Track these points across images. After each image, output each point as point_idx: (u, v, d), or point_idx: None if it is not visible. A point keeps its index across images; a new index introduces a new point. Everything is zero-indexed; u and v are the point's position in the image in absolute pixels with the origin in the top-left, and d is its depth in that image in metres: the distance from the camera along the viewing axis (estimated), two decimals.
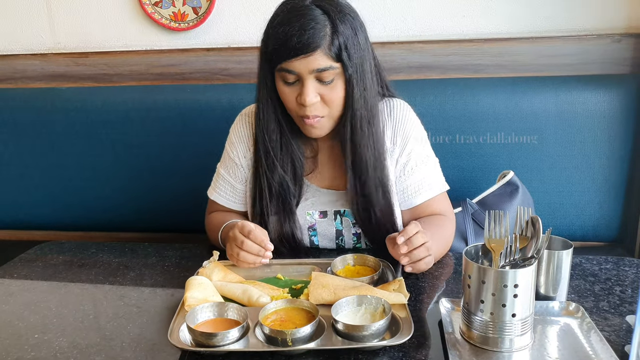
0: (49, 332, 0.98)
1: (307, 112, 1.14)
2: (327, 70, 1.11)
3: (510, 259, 0.92)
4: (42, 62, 1.92)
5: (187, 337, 0.91)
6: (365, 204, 1.24)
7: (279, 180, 1.24)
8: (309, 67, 1.10)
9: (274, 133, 1.23)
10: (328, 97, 1.14)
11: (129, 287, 1.16)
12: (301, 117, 1.17)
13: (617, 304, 1.02)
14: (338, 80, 1.14)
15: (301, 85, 1.13)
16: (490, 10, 1.75)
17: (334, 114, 1.18)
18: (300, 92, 1.13)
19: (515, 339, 0.88)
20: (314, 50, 1.09)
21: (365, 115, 1.18)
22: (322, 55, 1.10)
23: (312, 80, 1.12)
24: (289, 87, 1.15)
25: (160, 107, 1.77)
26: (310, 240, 1.32)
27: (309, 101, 1.12)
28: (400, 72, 1.79)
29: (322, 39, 1.09)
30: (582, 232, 1.69)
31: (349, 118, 1.18)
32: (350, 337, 0.90)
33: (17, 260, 1.31)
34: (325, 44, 1.09)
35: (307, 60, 1.09)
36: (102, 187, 1.84)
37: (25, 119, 1.83)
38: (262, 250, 1.13)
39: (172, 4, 1.83)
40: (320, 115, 1.16)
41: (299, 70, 1.11)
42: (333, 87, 1.14)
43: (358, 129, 1.18)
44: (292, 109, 1.18)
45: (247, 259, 1.13)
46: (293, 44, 1.08)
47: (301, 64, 1.10)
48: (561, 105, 1.63)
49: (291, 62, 1.10)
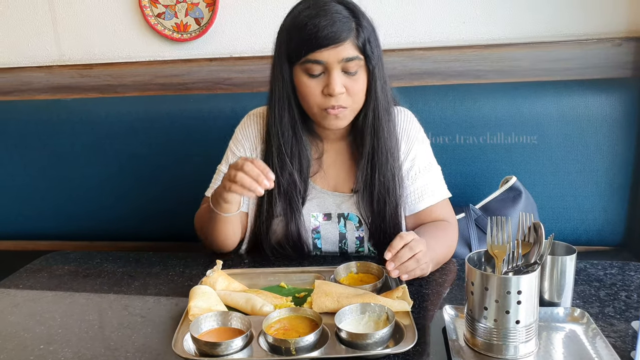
0: (54, 342, 0.99)
1: (333, 102, 1.17)
2: (353, 61, 1.16)
3: (513, 265, 0.91)
4: (47, 74, 1.94)
5: (191, 347, 0.91)
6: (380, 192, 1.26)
7: (287, 177, 1.26)
8: (339, 56, 1.14)
9: (288, 131, 1.25)
10: (353, 89, 1.18)
11: (133, 297, 1.16)
12: (325, 110, 1.19)
13: (623, 309, 1.01)
14: (362, 72, 1.19)
15: (327, 76, 1.16)
16: (490, 16, 1.76)
17: (356, 106, 1.22)
18: (328, 83, 1.16)
19: (520, 346, 0.87)
20: (345, 40, 1.14)
21: (385, 107, 1.24)
22: (350, 46, 1.15)
23: (338, 71, 1.16)
24: (313, 80, 1.18)
25: (164, 117, 1.78)
26: (313, 244, 1.32)
27: (338, 90, 1.16)
28: (401, 79, 1.80)
29: (350, 31, 1.15)
30: (587, 237, 1.68)
31: (372, 109, 1.23)
32: (354, 345, 0.89)
33: (23, 270, 1.32)
34: (353, 35, 1.15)
35: (337, 50, 1.14)
36: (107, 197, 1.85)
37: (31, 130, 1.84)
38: (261, 176, 1.09)
39: (174, 15, 1.84)
40: (344, 106, 1.19)
41: (328, 60, 1.14)
42: (357, 79, 1.18)
43: (379, 118, 1.23)
44: (315, 103, 1.19)
45: (244, 180, 1.09)
46: (325, 33, 1.12)
47: (330, 54, 1.14)
48: (563, 110, 1.63)
49: (321, 52, 1.14)
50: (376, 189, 1.26)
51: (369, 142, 1.25)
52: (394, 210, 1.27)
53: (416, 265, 1.07)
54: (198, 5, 1.82)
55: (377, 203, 1.27)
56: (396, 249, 1.06)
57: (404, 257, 1.06)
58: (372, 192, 1.26)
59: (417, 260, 1.07)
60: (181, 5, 1.83)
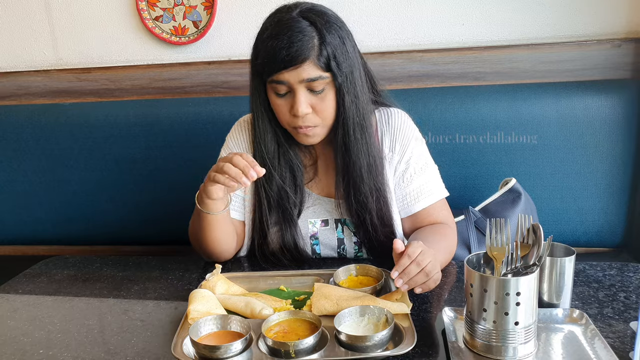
0: (53, 347, 0.99)
1: (300, 122, 1.16)
2: (317, 80, 1.13)
3: (512, 267, 0.92)
4: (45, 78, 1.94)
5: (190, 350, 0.91)
6: (360, 210, 1.24)
7: (277, 190, 1.25)
8: (299, 77, 1.12)
9: (271, 143, 1.24)
10: (319, 107, 1.16)
11: (133, 301, 1.16)
12: (294, 128, 1.18)
13: (622, 310, 1.01)
14: (329, 90, 1.16)
15: (293, 96, 1.15)
16: (489, 18, 1.76)
17: (327, 123, 1.20)
18: (293, 104, 1.15)
19: (519, 347, 0.87)
20: (303, 61, 1.11)
21: (357, 122, 1.20)
22: (311, 66, 1.12)
23: (303, 91, 1.14)
24: (281, 99, 1.17)
25: (162, 120, 1.78)
26: (312, 249, 1.32)
27: (302, 111, 1.14)
28: (400, 82, 1.80)
29: (310, 50, 1.11)
30: (587, 238, 1.68)
31: (341, 125, 1.20)
32: (354, 347, 0.89)
33: (22, 275, 1.32)
34: (314, 54, 1.11)
35: (297, 71, 1.11)
36: (106, 201, 1.85)
37: (29, 135, 1.84)
38: (248, 167, 1.07)
39: (172, 18, 1.84)
40: (312, 125, 1.18)
41: (290, 81, 1.13)
42: (324, 97, 1.16)
43: (351, 135, 1.20)
44: (284, 121, 1.19)
45: (230, 170, 1.08)
46: (282, 56, 1.10)
47: (291, 76, 1.12)
48: (562, 112, 1.63)
49: (281, 74, 1.12)
50: (353, 205, 1.24)
51: (339, 159, 1.22)
52: (377, 223, 1.25)
53: (426, 278, 1.03)
54: (196, 8, 1.83)
55: (358, 215, 1.25)
56: (403, 267, 1.01)
57: (411, 273, 1.01)
58: (350, 206, 1.25)
59: (426, 273, 1.02)
60: (179, 9, 1.84)
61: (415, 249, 1.03)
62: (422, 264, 1.01)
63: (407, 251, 1.02)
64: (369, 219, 1.24)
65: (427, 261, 1.02)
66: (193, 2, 1.82)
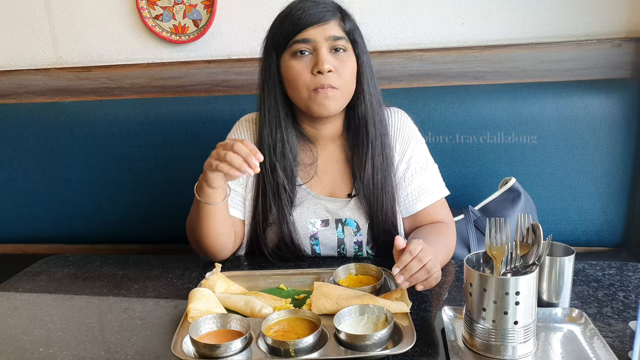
0: (53, 345, 0.99)
1: (323, 80, 1.18)
2: (340, 40, 1.20)
3: (511, 267, 0.92)
4: (45, 76, 1.94)
5: (190, 349, 0.92)
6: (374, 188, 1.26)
7: (278, 180, 1.26)
8: (325, 34, 1.18)
9: (276, 129, 1.26)
10: (341, 69, 1.20)
11: (133, 300, 1.16)
12: (314, 91, 1.19)
13: (621, 309, 1.02)
14: (350, 54, 1.22)
15: (316, 55, 1.19)
16: (489, 17, 1.76)
17: (346, 89, 1.22)
18: (317, 61, 1.19)
19: (518, 346, 0.87)
20: (330, 19, 1.19)
21: (375, 97, 1.26)
22: (336, 26, 1.20)
23: (326, 48, 1.19)
24: (302, 62, 1.20)
25: (162, 119, 1.78)
26: (312, 249, 1.32)
27: (326, 67, 1.17)
28: (400, 81, 1.80)
29: (335, 14, 1.21)
30: (586, 238, 1.68)
31: (362, 93, 1.25)
32: (353, 346, 0.90)
33: (22, 274, 1.32)
34: (338, 17, 1.21)
35: (323, 28, 1.18)
36: (106, 199, 1.85)
37: (29, 133, 1.84)
38: (250, 155, 1.08)
39: (172, 16, 1.84)
40: (334, 86, 1.19)
41: (316, 38, 1.18)
42: (345, 60, 1.21)
43: (369, 104, 1.25)
44: (305, 84, 1.20)
45: (234, 160, 1.08)
46: (311, 12, 1.18)
47: (317, 32, 1.18)
48: (562, 111, 1.63)
49: (307, 31, 1.18)
50: (372, 188, 1.26)
51: (362, 133, 1.25)
52: (390, 210, 1.27)
53: (427, 275, 1.03)
54: (196, 7, 1.83)
55: (376, 204, 1.26)
56: (404, 264, 1.01)
57: (413, 269, 1.01)
58: (369, 192, 1.26)
59: (427, 270, 1.02)
60: (179, 7, 1.84)
61: (416, 245, 1.03)
62: (423, 261, 1.02)
63: (408, 248, 1.03)
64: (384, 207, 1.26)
65: (428, 258, 1.02)
66: (193, 0, 1.82)
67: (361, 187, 1.27)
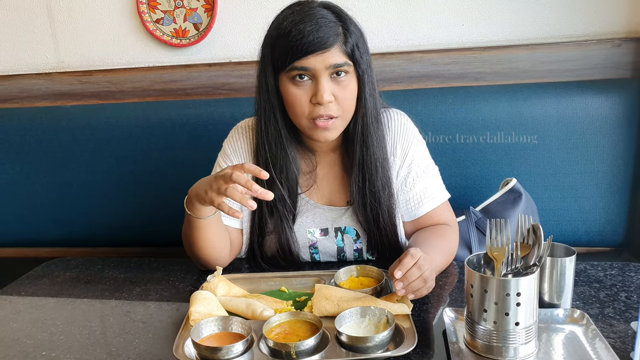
0: (56, 349, 0.99)
1: (322, 111, 1.14)
2: (342, 67, 1.13)
3: (512, 268, 0.92)
4: (46, 81, 1.95)
5: (192, 352, 0.92)
6: (372, 203, 1.23)
7: (277, 192, 1.22)
8: (326, 63, 1.11)
9: (274, 143, 1.22)
10: (342, 96, 1.15)
11: (135, 303, 1.16)
12: (313, 120, 1.15)
13: (623, 310, 1.01)
14: (351, 79, 1.16)
15: (315, 84, 1.13)
16: (489, 18, 1.76)
17: (347, 115, 1.18)
18: (316, 91, 1.13)
19: (520, 348, 0.87)
20: (331, 45, 1.11)
21: (374, 115, 1.21)
22: (338, 52, 1.12)
23: (327, 77, 1.13)
24: (300, 89, 1.14)
25: (164, 122, 1.79)
26: (311, 257, 1.31)
27: (327, 98, 1.12)
28: (400, 82, 1.80)
29: (337, 36, 1.12)
30: (588, 238, 1.68)
31: (361, 116, 1.20)
32: (354, 348, 0.90)
33: (25, 277, 1.32)
34: (340, 40, 1.12)
35: (324, 56, 1.11)
36: (108, 203, 1.85)
37: (31, 138, 1.85)
38: (249, 182, 1.02)
39: (173, 20, 1.85)
40: (334, 116, 1.15)
41: (315, 67, 1.11)
42: (346, 86, 1.15)
43: (369, 126, 1.20)
44: (303, 112, 1.15)
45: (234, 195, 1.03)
46: (311, 39, 1.09)
47: (317, 61, 1.11)
48: (563, 111, 1.63)
49: (307, 59, 1.11)
50: (368, 200, 1.23)
51: (358, 150, 1.21)
52: (387, 219, 1.25)
53: (423, 284, 1.02)
54: (196, 11, 1.83)
55: (371, 213, 1.24)
56: (406, 268, 1.00)
57: (412, 277, 1.00)
58: (365, 202, 1.23)
59: (424, 279, 1.02)
60: (179, 11, 1.84)
61: (416, 252, 1.03)
62: (422, 269, 1.01)
63: (409, 252, 1.02)
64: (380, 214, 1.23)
65: (426, 267, 1.02)
66: (193, 4, 1.83)
67: (357, 199, 1.24)
